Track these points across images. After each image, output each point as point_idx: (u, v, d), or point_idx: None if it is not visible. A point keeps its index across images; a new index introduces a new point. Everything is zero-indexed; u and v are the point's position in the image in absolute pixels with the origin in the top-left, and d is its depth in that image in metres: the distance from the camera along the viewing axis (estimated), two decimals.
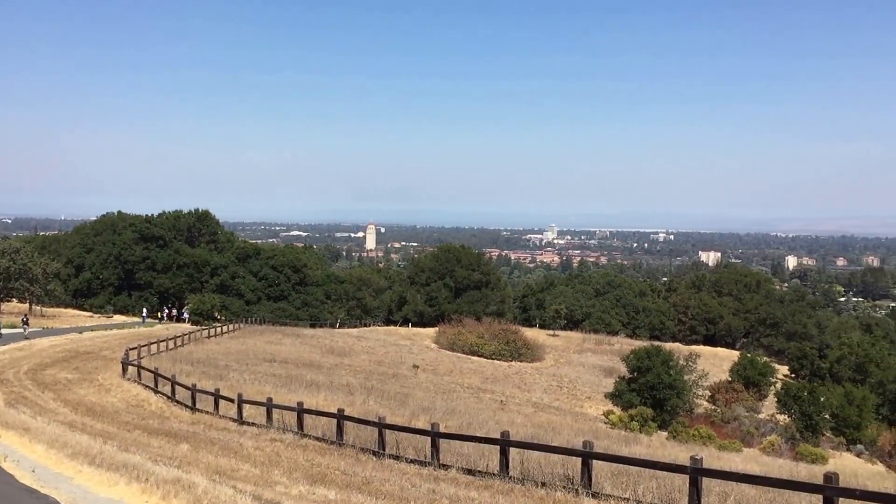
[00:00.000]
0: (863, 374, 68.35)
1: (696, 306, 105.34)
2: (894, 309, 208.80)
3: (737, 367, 65.66)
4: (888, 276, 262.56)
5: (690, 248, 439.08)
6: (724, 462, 27.60)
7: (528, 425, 34.06)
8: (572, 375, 68.50)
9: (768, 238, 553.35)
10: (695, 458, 12.39)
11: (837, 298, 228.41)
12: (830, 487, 10.77)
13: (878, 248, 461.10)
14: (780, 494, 15.11)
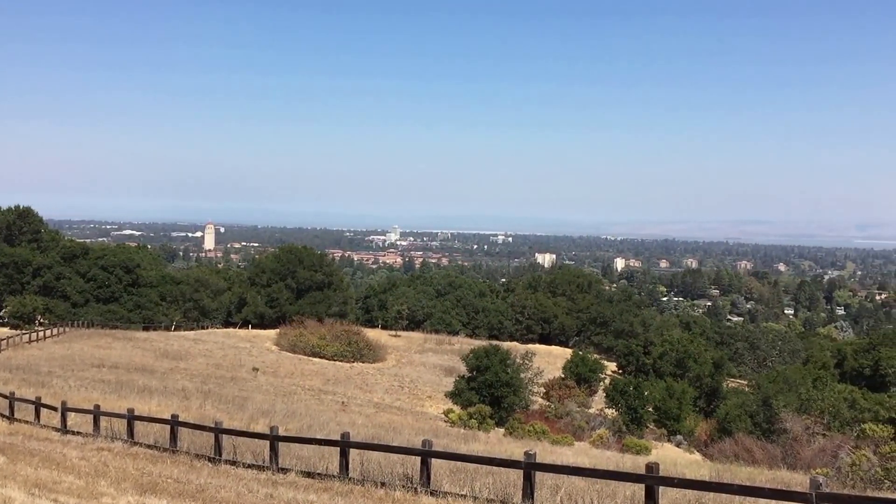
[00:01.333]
0: (682, 368, 72.86)
1: (532, 306, 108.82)
2: (710, 308, 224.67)
3: (569, 364, 68.43)
4: (705, 276, 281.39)
5: (528, 249, 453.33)
6: (556, 456, 28.73)
7: (369, 426, 34.14)
8: (414, 375, 69.19)
9: (599, 241, 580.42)
10: (528, 453, 12.91)
11: (661, 298, 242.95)
12: (651, 477, 11.52)
13: (697, 251, 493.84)
14: (608, 485, 15.92)
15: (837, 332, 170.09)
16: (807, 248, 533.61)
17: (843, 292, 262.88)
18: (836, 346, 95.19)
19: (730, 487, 11.95)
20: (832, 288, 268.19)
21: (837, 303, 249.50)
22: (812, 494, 10.29)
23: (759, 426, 50.86)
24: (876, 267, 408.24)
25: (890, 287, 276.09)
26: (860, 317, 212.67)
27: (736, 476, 26.78)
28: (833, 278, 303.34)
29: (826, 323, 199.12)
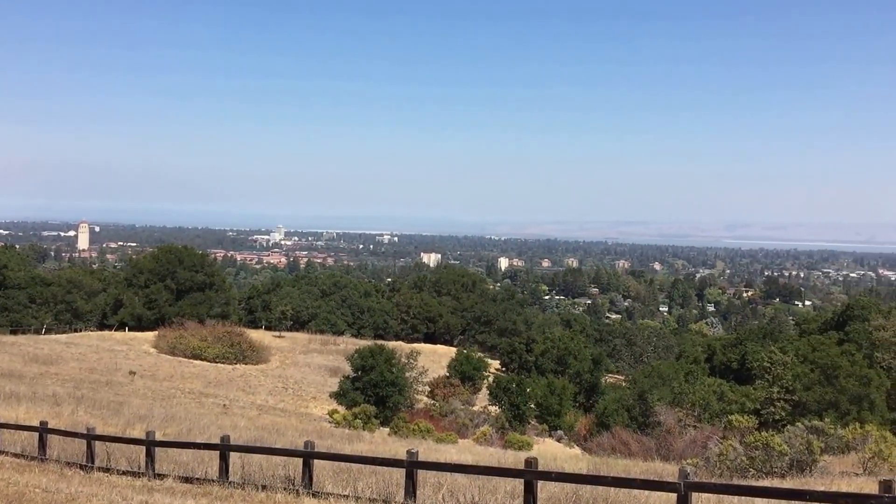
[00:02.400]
0: (563, 365, 74.74)
1: (417, 306, 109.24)
2: (590, 306, 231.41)
3: (454, 362, 69.08)
4: (585, 276, 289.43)
5: (413, 249, 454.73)
6: (440, 454, 28.98)
7: (251, 428, 33.51)
8: (298, 376, 68.32)
9: (484, 241, 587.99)
10: (411, 452, 12.99)
11: (543, 297, 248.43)
12: (530, 472, 11.80)
13: (578, 251, 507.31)
14: (489, 481, 16.19)
15: (708, 328, 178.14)
16: (680, 248, 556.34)
17: (714, 290, 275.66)
18: (706, 341, 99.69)
19: (604, 480, 12.39)
20: (703, 286, 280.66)
21: (708, 300, 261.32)
22: (681, 484, 10.76)
23: (635, 420, 52.74)
24: (743, 266, 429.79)
25: (756, 285, 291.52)
26: (729, 313, 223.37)
27: (613, 468, 27.74)
28: (704, 277, 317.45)
29: (698, 319, 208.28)
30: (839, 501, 10.97)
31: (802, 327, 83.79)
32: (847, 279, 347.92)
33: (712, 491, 12.08)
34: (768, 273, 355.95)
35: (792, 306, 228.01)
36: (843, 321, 72.32)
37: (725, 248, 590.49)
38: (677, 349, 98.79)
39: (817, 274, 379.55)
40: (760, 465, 23.93)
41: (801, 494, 11.21)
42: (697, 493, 11.57)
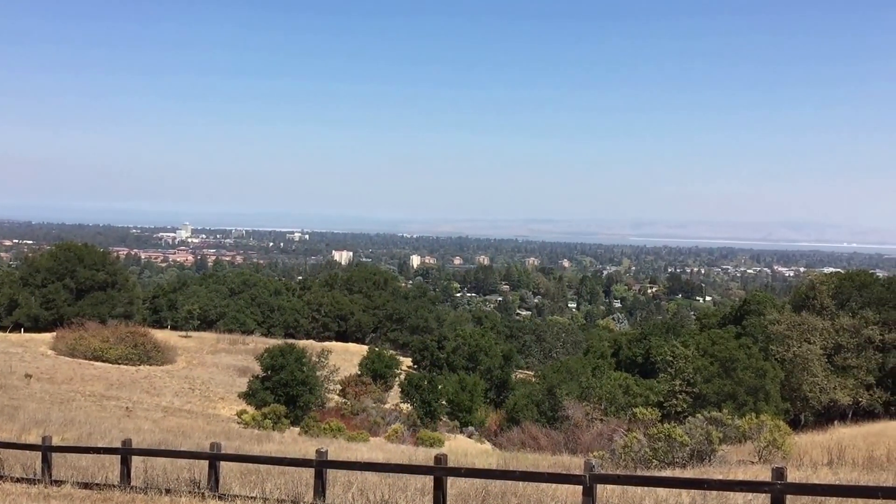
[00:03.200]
0: (474, 362, 75.40)
1: (329, 304, 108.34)
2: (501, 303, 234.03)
3: (366, 360, 68.84)
4: (496, 273, 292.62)
5: (325, 247, 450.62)
6: (351, 453, 28.87)
7: (156, 431, 32.66)
8: (205, 377, 66.84)
9: (396, 239, 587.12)
10: (320, 451, 12.90)
11: (455, 294, 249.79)
12: (440, 468, 11.88)
13: (489, 248, 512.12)
14: (400, 478, 16.22)
15: (615, 323, 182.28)
16: (588, 246, 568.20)
17: (620, 286, 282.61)
18: (613, 336, 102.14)
19: (513, 474, 12.58)
20: (610, 282, 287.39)
21: (615, 296, 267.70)
22: (586, 476, 11.01)
23: (544, 414, 53.62)
24: (648, 263, 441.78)
25: (660, 281, 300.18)
26: (635, 309, 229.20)
27: (522, 463, 28.14)
28: (611, 273, 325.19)
29: (605, 315, 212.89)
30: (735, 488, 11.43)
31: (703, 322, 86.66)
32: (745, 275, 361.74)
33: (616, 482, 12.41)
34: (671, 270, 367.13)
35: (694, 302, 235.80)
36: (741, 316, 75.14)
37: (631, 245, 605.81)
38: (585, 344, 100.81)
39: (717, 270, 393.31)
40: (663, 455, 24.66)
41: (699, 483, 11.64)
42: (602, 484, 11.87)
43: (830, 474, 18.33)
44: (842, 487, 11.32)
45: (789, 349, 55.57)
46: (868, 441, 28.33)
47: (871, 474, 17.45)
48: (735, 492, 11.92)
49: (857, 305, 59.36)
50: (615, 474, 12.78)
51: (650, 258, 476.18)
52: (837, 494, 11.64)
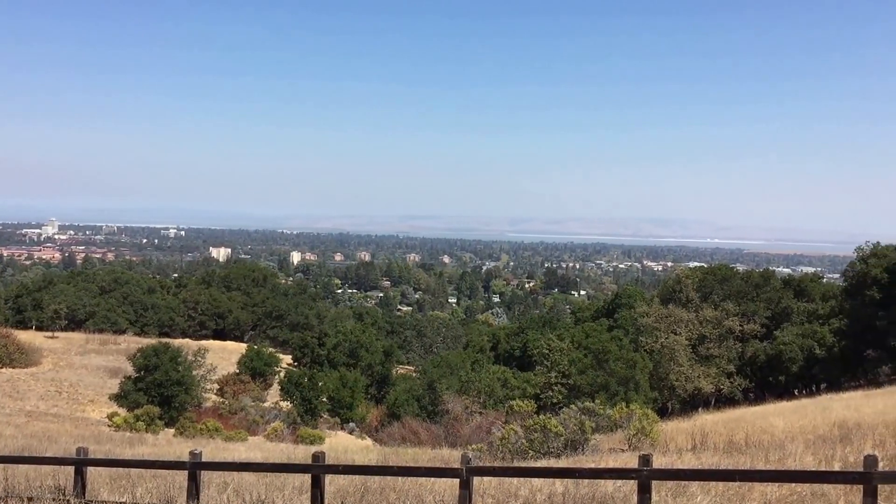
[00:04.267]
0: (355, 358, 75.17)
1: (205, 301, 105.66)
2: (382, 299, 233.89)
3: (244, 359, 67.59)
4: (377, 269, 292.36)
5: (202, 244, 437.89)
6: (229, 453, 28.31)
7: (18, 437, 31.02)
8: (73, 379, 63.94)
9: (276, 235, 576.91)
10: (194, 452, 12.64)
11: (336, 290, 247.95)
12: (317, 466, 11.85)
13: (370, 245, 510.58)
14: (278, 477, 16.07)
15: (494, 318, 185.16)
16: (468, 242, 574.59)
17: (499, 282, 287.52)
18: (492, 331, 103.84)
19: (390, 470, 12.70)
20: (489, 278, 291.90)
21: (494, 291, 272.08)
22: (463, 469, 11.23)
23: (425, 409, 54.07)
24: (525, 258, 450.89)
25: (537, 276, 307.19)
26: (513, 303, 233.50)
27: (402, 458, 28.32)
28: (490, 269, 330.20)
29: (484, 310, 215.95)
30: (604, 476, 11.93)
31: (577, 315, 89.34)
32: (617, 270, 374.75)
33: (492, 474, 12.72)
34: (548, 265, 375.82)
35: (569, 296, 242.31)
36: (613, 309, 77.92)
37: (509, 241, 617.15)
38: (465, 339, 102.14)
39: (591, 265, 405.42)
40: (539, 446, 25.34)
41: (571, 472, 12.09)
42: (479, 476, 12.13)
43: (694, 459, 19.26)
44: (703, 472, 11.99)
45: (657, 340, 58.04)
46: (728, 426, 29.93)
47: (731, 458, 18.45)
48: (605, 479, 12.42)
49: (719, 298, 62.62)
50: (491, 466, 13.11)
51: (528, 254, 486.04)
52: (699, 478, 12.32)
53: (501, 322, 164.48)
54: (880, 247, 59.81)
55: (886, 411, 27.06)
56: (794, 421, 29.04)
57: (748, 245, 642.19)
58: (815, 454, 16.74)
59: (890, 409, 27.96)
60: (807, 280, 71.40)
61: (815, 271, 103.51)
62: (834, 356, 55.85)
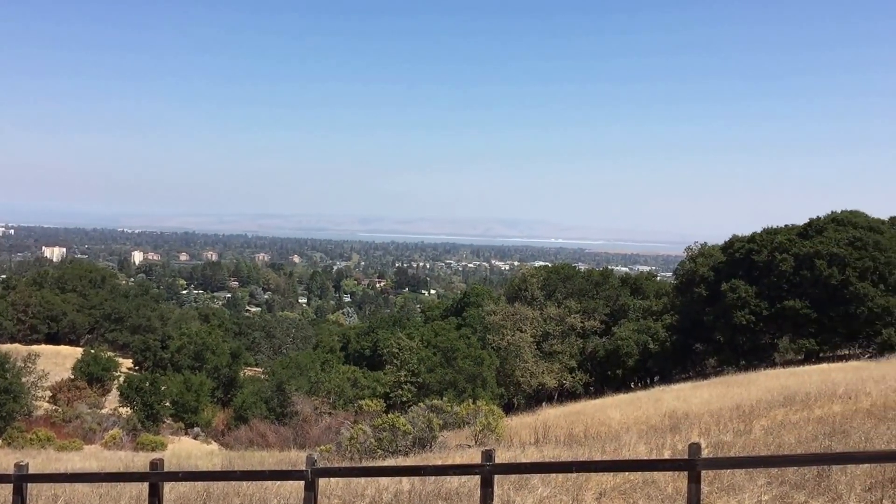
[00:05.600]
0: (201, 361, 72.82)
1: (37, 304, 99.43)
2: (230, 299, 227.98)
3: (80, 364, 64.18)
4: (225, 269, 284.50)
5: (33, 243, 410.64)
6: (62, 464, 26.85)
7: None
8: None
9: (115, 233, 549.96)
10: (19, 464, 11.92)
11: (180, 291, 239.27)
12: (155, 474, 11.44)
13: (217, 244, 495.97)
14: (115, 487, 15.40)
15: (344, 317, 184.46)
16: (318, 241, 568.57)
17: (350, 281, 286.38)
18: (342, 330, 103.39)
19: (233, 474, 12.44)
20: (340, 277, 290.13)
21: (345, 291, 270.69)
22: (308, 471, 11.15)
23: (273, 411, 53.15)
24: (376, 258, 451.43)
25: (388, 275, 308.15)
26: (364, 303, 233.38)
27: (248, 461, 27.78)
28: (341, 268, 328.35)
29: (335, 310, 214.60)
30: (449, 472, 12.18)
31: (427, 314, 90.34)
32: (466, 269, 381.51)
33: (337, 475, 12.71)
34: (399, 264, 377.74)
35: (419, 295, 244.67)
36: (462, 308, 79.32)
37: (360, 240, 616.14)
38: (315, 339, 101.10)
39: (441, 265, 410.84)
40: (388, 445, 25.50)
41: (416, 470, 12.26)
42: (324, 478, 12.09)
43: (536, 452, 19.93)
44: (542, 464, 12.48)
45: (504, 338, 59.54)
46: (569, 420, 31.18)
47: (571, 450, 19.22)
48: (450, 475, 12.66)
49: (562, 296, 65.02)
50: (337, 467, 13.09)
51: (379, 253, 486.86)
52: (539, 471, 12.79)
53: (352, 322, 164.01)
54: (707, 247, 64.00)
55: (711, 401, 28.98)
56: (630, 412, 30.61)
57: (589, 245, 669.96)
58: (648, 443, 17.70)
59: (715, 399, 29.95)
60: (642, 278, 75.37)
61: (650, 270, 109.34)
62: (666, 350, 59.15)
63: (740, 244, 57.68)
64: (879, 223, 55.45)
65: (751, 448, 15.47)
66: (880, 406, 18.49)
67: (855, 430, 15.22)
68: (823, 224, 55.36)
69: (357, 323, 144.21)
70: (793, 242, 53.81)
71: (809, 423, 18.02)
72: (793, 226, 57.89)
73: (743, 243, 57.45)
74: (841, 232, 52.98)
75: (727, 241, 60.51)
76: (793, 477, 11.47)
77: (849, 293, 49.97)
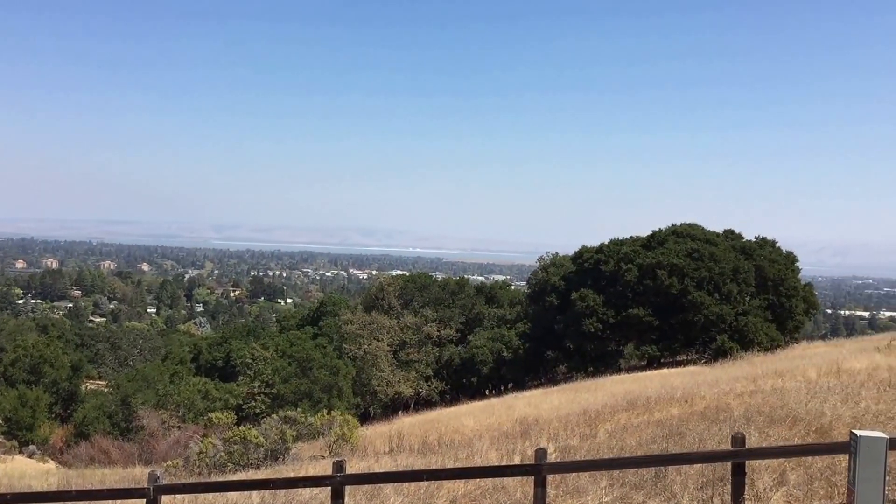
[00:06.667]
0: (38, 374, 68.74)
1: None
2: (72, 309, 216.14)
3: None
4: (67, 277, 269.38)
5: None
6: None
7: None
8: None
9: None
10: None
11: (16, 301, 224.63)
12: None
13: (58, 251, 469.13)
14: None
15: (196, 327, 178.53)
16: (169, 249, 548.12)
17: (203, 290, 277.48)
18: (193, 341, 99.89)
19: (68, 494, 11.78)
20: (192, 286, 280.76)
21: (197, 300, 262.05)
22: (150, 489, 10.69)
23: (118, 426, 50.79)
24: (231, 266, 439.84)
25: (243, 284, 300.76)
26: (217, 312, 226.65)
27: (89, 480, 26.40)
28: (193, 277, 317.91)
29: (187, 320, 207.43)
30: (299, 485, 11.97)
31: (282, 324, 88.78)
32: (324, 278, 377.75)
33: (181, 491, 12.24)
34: (254, 273, 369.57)
35: (276, 304, 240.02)
36: (318, 317, 78.46)
37: (214, 248, 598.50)
38: (164, 350, 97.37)
39: (298, 273, 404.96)
40: (239, 458, 24.84)
41: (265, 483, 11.98)
42: (168, 495, 11.61)
43: (390, 461, 19.93)
44: (393, 473, 12.47)
45: (361, 347, 59.34)
46: (424, 428, 31.37)
47: (425, 458, 19.34)
48: (300, 488, 12.45)
49: (419, 305, 65.51)
50: (181, 483, 12.60)
51: (233, 261, 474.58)
52: (390, 480, 12.78)
53: (205, 332, 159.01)
54: (558, 257, 66.15)
55: (561, 407, 29.89)
56: (483, 419, 31.13)
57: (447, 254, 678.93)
58: (500, 450, 18.04)
59: (564, 404, 30.92)
60: (497, 287, 76.99)
61: (505, 279, 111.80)
62: (519, 357, 60.59)
63: (589, 254, 59.90)
64: (715, 236, 59.03)
65: (595, 451, 16.04)
66: (713, 409, 19.59)
67: (690, 431, 16.05)
68: (665, 236, 58.37)
69: (210, 333, 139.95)
70: (637, 253, 56.41)
71: (650, 426, 18.88)
72: (637, 237, 60.67)
73: (591, 254, 59.69)
74: (680, 244, 56.02)
75: (577, 252, 62.66)
76: (633, 478, 11.97)
77: (687, 302, 52.86)
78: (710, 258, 54.41)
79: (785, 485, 10.90)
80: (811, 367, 25.54)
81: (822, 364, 25.97)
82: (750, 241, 59.84)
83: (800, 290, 58.07)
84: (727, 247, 56.99)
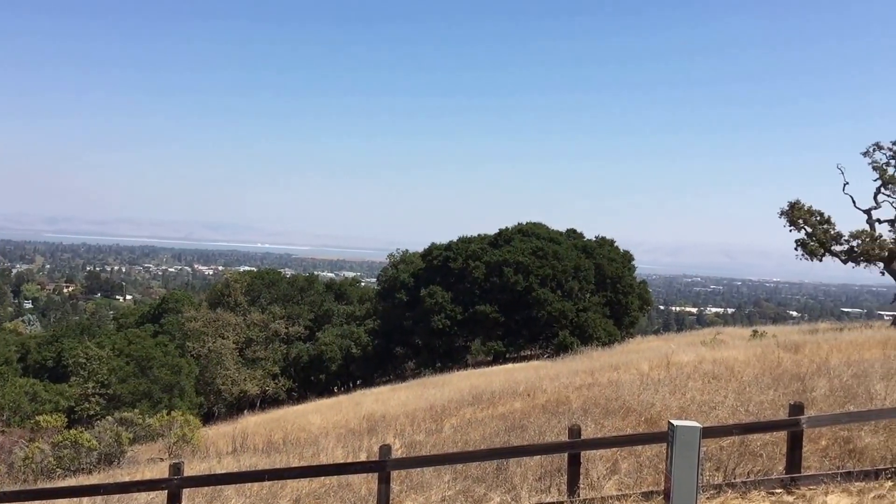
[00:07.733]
0: None
1: None
2: None
3: None
4: None
5: None
6: None
7: None
8: None
9: None
10: None
11: None
12: None
13: None
14: None
15: (25, 325, 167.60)
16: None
17: (32, 286, 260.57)
18: (21, 340, 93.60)
19: None
20: (21, 282, 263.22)
21: (26, 297, 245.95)
22: None
23: None
24: (65, 261, 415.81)
25: (78, 280, 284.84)
26: (48, 309, 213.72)
27: None
28: (22, 272, 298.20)
29: (13, 317, 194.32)
30: (132, 489, 11.46)
31: (120, 321, 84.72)
32: (166, 274, 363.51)
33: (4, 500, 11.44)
34: (90, 268, 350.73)
35: (114, 301, 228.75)
36: (159, 314, 75.41)
37: (46, 242, 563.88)
38: None
39: (139, 269, 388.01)
40: (69, 463, 23.58)
41: (96, 489, 11.38)
42: None
43: (234, 462, 19.45)
44: (234, 475, 12.16)
45: (205, 345, 57.55)
46: (270, 427, 30.82)
47: (269, 458, 18.99)
48: (134, 492, 11.93)
49: (267, 301, 64.24)
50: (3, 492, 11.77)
51: (67, 256, 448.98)
52: (231, 482, 12.45)
53: (34, 330, 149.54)
54: (408, 254, 66.62)
55: (408, 402, 30.12)
56: (331, 417, 30.95)
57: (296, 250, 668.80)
58: (346, 447, 17.97)
59: (411, 400, 31.17)
60: (346, 284, 76.59)
61: (355, 276, 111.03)
62: (368, 354, 60.57)
63: (438, 251, 60.64)
64: (558, 234, 61.20)
65: (441, 446, 16.25)
66: (553, 402, 20.28)
67: (531, 424, 16.54)
68: (511, 234, 59.94)
69: (39, 331, 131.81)
70: (485, 251, 57.63)
71: (494, 420, 19.32)
72: (485, 235, 61.98)
73: (441, 251, 60.44)
74: (526, 242, 57.68)
75: (426, 249, 63.27)
76: (476, 472, 12.19)
77: (531, 298, 54.50)
78: (554, 256, 56.32)
79: (617, 473, 11.42)
80: (644, 361, 26.92)
81: (654, 358, 27.43)
82: (590, 241, 62.44)
83: (635, 287, 61.18)
84: (570, 245, 59.19)
